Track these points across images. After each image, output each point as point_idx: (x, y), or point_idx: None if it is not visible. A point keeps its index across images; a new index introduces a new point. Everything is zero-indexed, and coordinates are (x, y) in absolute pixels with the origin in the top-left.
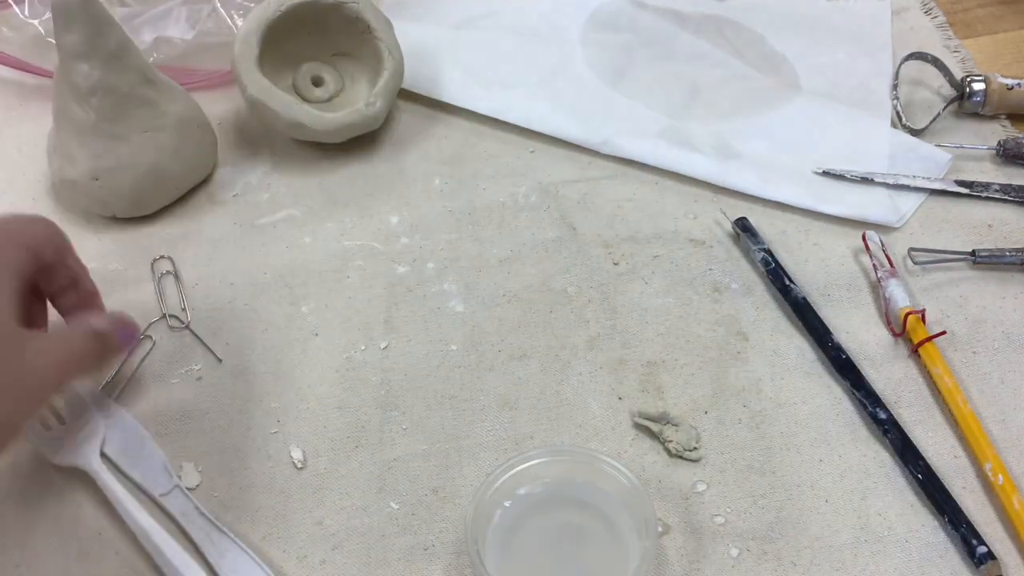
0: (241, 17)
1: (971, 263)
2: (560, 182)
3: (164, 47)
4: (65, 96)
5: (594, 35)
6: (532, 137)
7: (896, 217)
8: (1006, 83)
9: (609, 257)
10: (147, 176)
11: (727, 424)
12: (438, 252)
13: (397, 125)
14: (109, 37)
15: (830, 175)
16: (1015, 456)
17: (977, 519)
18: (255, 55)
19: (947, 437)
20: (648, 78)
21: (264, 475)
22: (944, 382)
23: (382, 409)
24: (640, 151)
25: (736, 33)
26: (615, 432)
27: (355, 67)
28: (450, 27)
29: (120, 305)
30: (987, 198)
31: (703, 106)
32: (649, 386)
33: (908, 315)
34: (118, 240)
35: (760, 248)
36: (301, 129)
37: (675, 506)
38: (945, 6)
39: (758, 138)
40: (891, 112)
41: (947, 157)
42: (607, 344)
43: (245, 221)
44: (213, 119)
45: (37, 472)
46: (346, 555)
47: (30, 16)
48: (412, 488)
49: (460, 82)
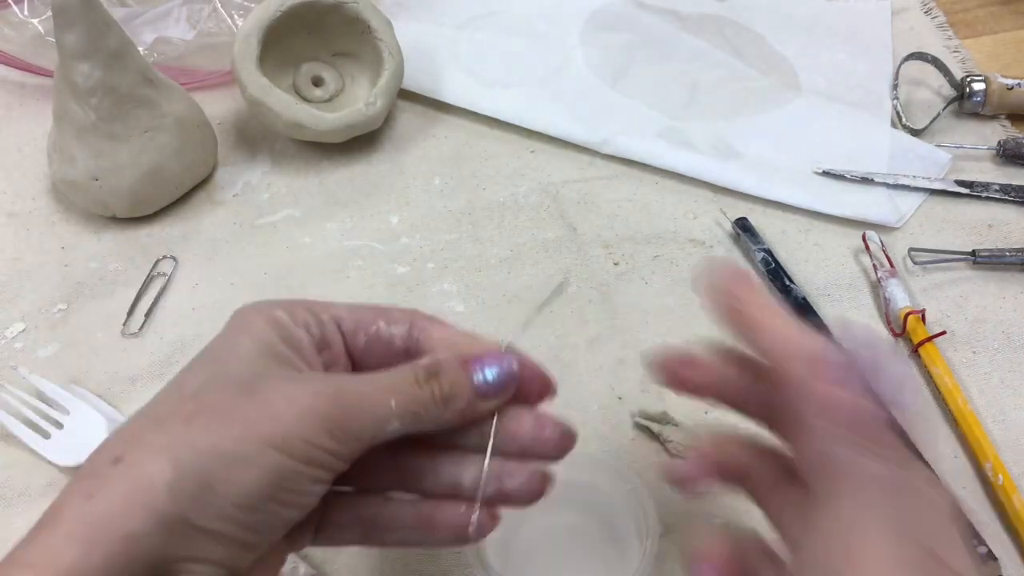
0: (241, 17)
1: (971, 263)
2: (560, 182)
3: (164, 47)
4: (65, 96)
5: (594, 35)
6: (532, 137)
7: (896, 217)
8: (1006, 83)
9: (609, 257)
10: (147, 176)
11: (727, 424)
12: (438, 252)
13: (397, 125)
14: (109, 37)
15: (830, 175)
16: (1015, 456)
17: (977, 519)
18: (255, 55)
19: (947, 437)
20: (648, 78)
21: None
22: (944, 382)
23: None
24: (640, 151)
25: (736, 33)
26: (615, 432)
27: (355, 67)
28: (450, 27)
29: (120, 304)
30: (987, 198)
31: (703, 106)
32: (649, 386)
33: (908, 315)
34: (118, 240)
35: (760, 248)
36: (301, 129)
37: (675, 506)
38: (945, 6)
39: (758, 138)
40: (891, 112)
41: (947, 157)
42: (607, 344)
43: (245, 221)
44: (213, 119)
45: (39, 472)
46: (346, 555)
47: (30, 15)
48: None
49: (460, 82)
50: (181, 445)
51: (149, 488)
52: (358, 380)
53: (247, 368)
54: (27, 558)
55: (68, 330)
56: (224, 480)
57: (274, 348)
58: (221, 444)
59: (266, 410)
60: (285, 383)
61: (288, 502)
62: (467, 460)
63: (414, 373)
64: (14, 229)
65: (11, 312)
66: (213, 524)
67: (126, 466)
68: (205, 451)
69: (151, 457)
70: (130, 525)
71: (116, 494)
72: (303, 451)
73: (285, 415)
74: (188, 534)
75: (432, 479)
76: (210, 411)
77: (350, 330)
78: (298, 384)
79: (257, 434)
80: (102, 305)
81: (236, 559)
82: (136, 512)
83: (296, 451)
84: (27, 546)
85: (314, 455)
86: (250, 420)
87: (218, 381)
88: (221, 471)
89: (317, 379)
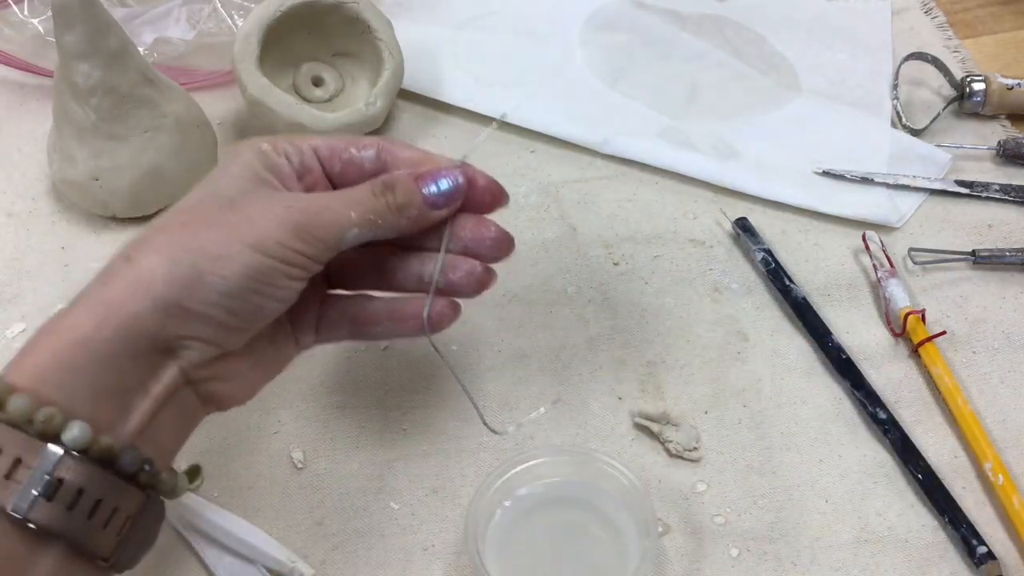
0: (241, 17)
1: (971, 263)
2: (560, 182)
3: (164, 47)
4: (65, 96)
5: (594, 35)
6: (532, 137)
7: (896, 217)
8: (1006, 83)
9: (609, 257)
10: (147, 176)
11: (727, 424)
12: None
13: (397, 125)
14: (109, 37)
15: (830, 175)
16: (1015, 456)
17: (977, 519)
18: (255, 55)
19: (947, 437)
20: (648, 78)
21: (264, 475)
22: (944, 382)
23: (382, 409)
24: (640, 151)
25: (736, 33)
26: (615, 432)
27: (355, 67)
28: (450, 27)
29: None
30: (987, 198)
31: (703, 106)
32: (649, 386)
33: (908, 315)
34: (118, 240)
35: (760, 248)
36: (301, 129)
37: (675, 506)
38: (945, 6)
39: (758, 138)
40: (891, 112)
41: (947, 157)
42: (607, 344)
43: None
44: (213, 119)
45: None
46: (346, 555)
47: (30, 15)
48: (412, 488)
49: (460, 82)
50: (176, 245)
51: (150, 279)
52: (325, 196)
53: (233, 187)
54: (52, 327)
55: None
56: (210, 272)
57: (258, 173)
58: (208, 245)
59: (245, 218)
60: (264, 198)
61: (266, 293)
62: (428, 258)
63: (371, 187)
64: (14, 229)
65: (11, 312)
66: (202, 308)
67: (133, 263)
68: (195, 249)
69: (152, 255)
70: (134, 306)
71: (124, 282)
72: (276, 251)
73: (260, 221)
74: (181, 316)
75: (401, 276)
76: (200, 219)
77: (326, 156)
78: (274, 199)
79: (239, 236)
80: None
81: (224, 340)
82: (139, 297)
83: (270, 250)
84: (53, 320)
85: (286, 255)
86: (232, 225)
87: (208, 198)
88: (208, 265)
89: (290, 196)
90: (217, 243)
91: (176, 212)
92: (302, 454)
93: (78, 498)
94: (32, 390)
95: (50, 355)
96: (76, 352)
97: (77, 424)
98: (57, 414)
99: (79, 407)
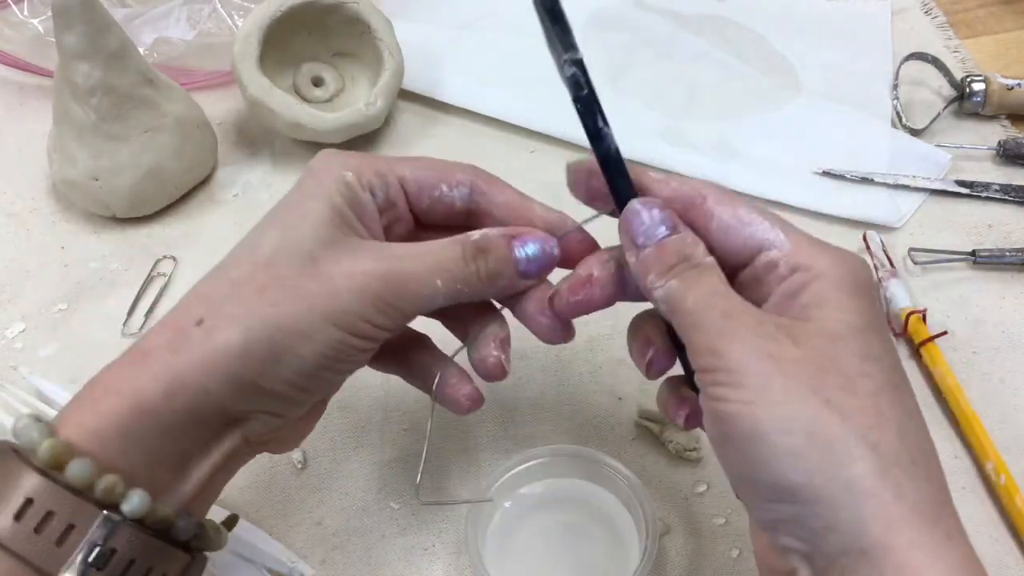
0: (241, 17)
1: (971, 263)
2: (560, 182)
3: (164, 47)
4: (65, 96)
5: (594, 35)
6: (532, 137)
7: (896, 217)
8: (1006, 83)
9: None
10: (147, 176)
11: None
12: None
13: (397, 125)
14: (109, 37)
15: (830, 175)
16: (1016, 456)
17: (979, 519)
18: (255, 55)
19: (949, 437)
20: (648, 78)
21: (264, 475)
22: (946, 382)
23: (382, 409)
24: (640, 151)
25: (736, 33)
26: (615, 432)
27: (355, 67)
28: (450, 27)
29: (120, 304)
30: (987, 198)
31: (703, 106)
32: (649, 386)
33: (909, 315)
34: (118, 240)
35: None
36: (301, 129)
37: (675, 506)
38: (945, 6)
39: (758, 138)
40: (891, 112)
41: (947, 157)
42: (607, 344)
43: (245, 221)
44: (213, 119)
45: None
46: (346, 555)
47: (30, 16)
48: (412, 488)
49: (460, 82)
50: (253, 317)
51: (225, 354)
52: (410, 257)
53: (313, 234)
54: (115, 386)
55: (68, 330)
56: (288, 350)
57: (340, 212)
58: (286, 320)
59: (326, 285)
60: (346, 254)
61: (339, 369)
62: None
63: (463, 249)
64: (14, 229)
65: (11, 312)
66: (275, 386)
67: (206, 330)
68: (272, 324)
69: (227, 324)
70: (207, 382)
71: (197, 354)
72: (356, 326)
73: (343, 291)
74: (253, 393)
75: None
76: (278, 284)
77: (413, 191)
78: (357, 257)
79: (319, 310)
80: (102, 305)
81: (290, 411)
82: (213, 373)
83: (350, 326)
84: (113, 376)
85: (365, 329)
86: (312, 297)
87: (287, 250)
88: (286, 343)
89: (373, 252)
90: (296, 318)
91: (250, 264)
92: (302, 454)
93: (128, 567)
94: (93, 453)
95: (114, 419)
96: (142, 420)
97: (137, 494)
98: (119, 483)
99: (139, 474)
